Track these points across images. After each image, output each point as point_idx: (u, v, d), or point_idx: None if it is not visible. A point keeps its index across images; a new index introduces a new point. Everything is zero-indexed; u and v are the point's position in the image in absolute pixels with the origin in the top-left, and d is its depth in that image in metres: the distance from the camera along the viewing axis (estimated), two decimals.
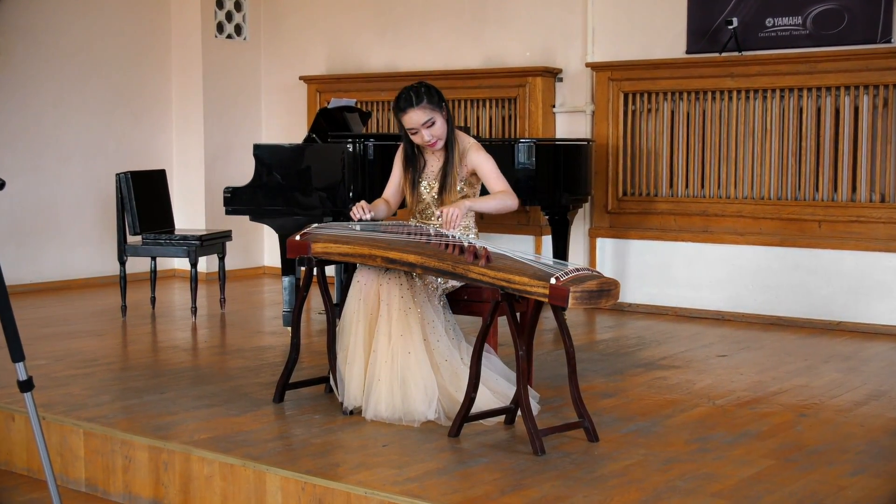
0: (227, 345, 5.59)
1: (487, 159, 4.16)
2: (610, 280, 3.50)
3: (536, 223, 7.09)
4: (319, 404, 4.21)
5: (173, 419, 3.99)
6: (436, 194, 4.19)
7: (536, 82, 7.00)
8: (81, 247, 7.73)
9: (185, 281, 7.87)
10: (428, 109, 4.09)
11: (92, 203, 7.76)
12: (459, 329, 4.13)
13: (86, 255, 7.75)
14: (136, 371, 4.87)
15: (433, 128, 4.11)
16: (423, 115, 4.08)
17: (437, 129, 4.11)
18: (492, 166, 4.15)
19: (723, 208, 6.47)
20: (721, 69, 6.41)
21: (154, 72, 8.15)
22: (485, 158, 4.16)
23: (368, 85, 7.76)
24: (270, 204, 5.56)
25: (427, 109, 4.09)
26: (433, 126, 4.11)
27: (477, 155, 4.16)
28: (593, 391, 4.47)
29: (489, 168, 4.14)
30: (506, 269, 3.53)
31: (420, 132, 4.11)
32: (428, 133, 4.10)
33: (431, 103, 4.09)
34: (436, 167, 4.23)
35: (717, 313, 6.49)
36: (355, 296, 4.03)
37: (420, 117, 4.08)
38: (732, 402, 4.32)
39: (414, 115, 4.08)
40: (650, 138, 6.72)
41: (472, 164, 4.15)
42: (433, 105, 4.10)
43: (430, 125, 4.10)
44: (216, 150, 8.21)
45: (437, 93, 4.15)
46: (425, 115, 4.08)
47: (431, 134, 4.11)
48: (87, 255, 7.76)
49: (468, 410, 3.73)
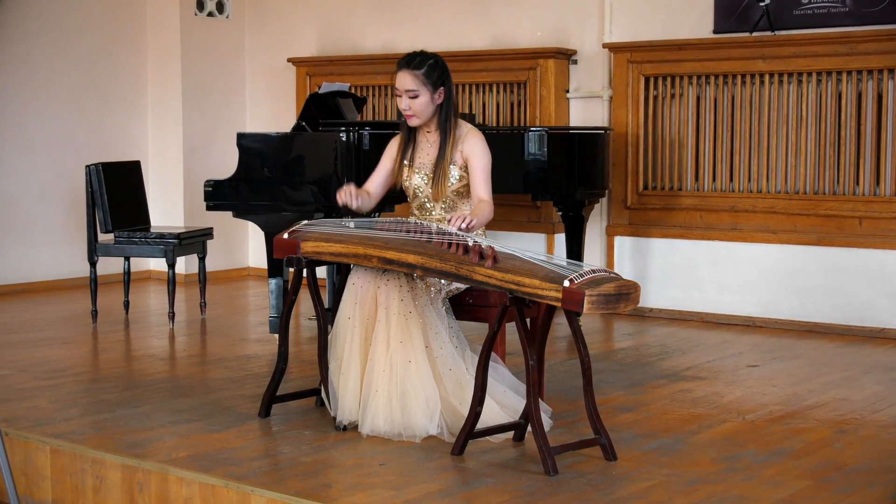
0: (208, 354, 5.59)
1: (483, 154, 4.19)
2: (629, 282, 3.50)
3: (548, 220, 7.09)
4: (310, 419, 4.21)
5: (149, 435, 4.00)
6: (432, 186, 4.21)
7: (548, 65, 7.00)
8: (47, 246, 7.74)
9: (162, 283, 7.88)
10: (418, 81, 4.15)
11: (59, 198, 7.77)
12: (464, 336, 4.13)
13: (52, 254, 7.75)
14: (107, 382, 4.87)
15: (414, 101, 4.17)
16: (409, 82, 4.16)
17: (416, 105, 4.17)
18: (485, 165, 4.19)
19: (753, 204, 6.47)
20: (752, 50, 6.41)
21: (128, 53, 8.16)
22: (481, 152, 4.19)
23: (363, 68, 7.77)
24: (256, 199, 5.56)
25: (417, 80, 4.15)
26: (415, 99, 4.16)
27: (475, 143, 4.20)
28: (611, 405, 4.48)
29: (481, 167, 4.18)
30: (514, 271, 3.54)
31: (402, 97, 4.19)
32: (406, 102, 4.17)
33: (427, 77, 4.15)
34: (432, 156, 4.25)
35: (748, 319, 6.49)
36: (350, 300, 4.04)
37: (406, 83, 4.17)
38: (764, 417, 4.32)
39: (402, 77, 4.18)
40: (673, 126, 6.73)
41: (468, 152, 4.18)
42: (427, 80, 4.15)
43: (413, 97, 4.16)
44: (196, 140, 8.22)
45: (441, 72, 4.19)
46: (412, 85, 4.16)
47: (409, 105, 4.18)
48: (54, 254, 7.76)
49: (473, 426, 3.73)
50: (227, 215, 5.88)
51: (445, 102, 4.20)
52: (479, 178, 4.18)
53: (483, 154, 4.20)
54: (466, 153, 4.20)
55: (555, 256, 3.76)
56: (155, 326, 6.28)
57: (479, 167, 4.18)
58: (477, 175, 4.18)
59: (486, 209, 4.12)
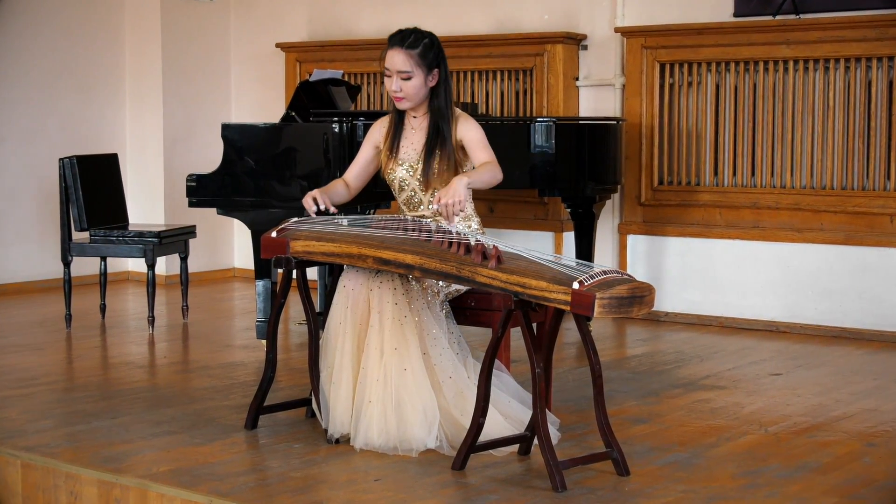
0: (191, 361, 5.60)
1: (476, 127, 4.20)
2: (643, 284, 3.50)
3: (556, 217, 7.09)
4: (299, 431, 4.22)
5: (127, 448, 4.00)
6: (420, 176, 4.20)
7: (556, 50, 7.00)
8: (18, 245, 7.74)
9: (141, 285, 7.88)
10: (412, 61, 4.12)
11: (30, 194, 7.77)
12: (465, 342, 4.13)
13: (23, 254, 7.76)
14: (83, 392, 4.87)
15: (406, 83, 4.14)
16: (402, 62, 4.12)
17: (408, 87, 4.15)
18: (481, 135, 4.18)
19: (777, 200, 6.47)
20: (775, 35, 6.41)
21: (104, 37, 8.16)
22: (474, 126, 4.20)
23: (357, 54, 7.77)
24: (242, 194, 5.57)
25: (411, 60, 4.13)
26: (407, 81, 4.14)
27: (465, 122, 4.20)
28: (624, 416, 4.48)
29: (478, 136, 4.17)
30: (520, 272, 3.54)
31: (393, 78, 4.15)
32: (397, 84, 4.14)
33: (422, 58, 4.13)
34: (418, 144, 4.24)
35: (771, 324, 6.49)
36: (341, 303, 4.04)
37: (398, 62, 4.13)
38: (788, 430, 4.32)
39: (395, 56, 4.13)
40: (691, 117, 6.73)
41: (461, 134, 4.19)
42: (421, 61, 4.13)
43: (406, 78, 4.14)
44: (178, 131, 8.22)
45: (437, 52, 4.17)
46: (404, 65, 4.13)
47: (400, 87, 4.15)
48: (25, 254, 7.76)
49: (475, 438, 3.73)
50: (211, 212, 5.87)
51: (441, 86, 4.19)
52: (481, 146, 4.16)
53: (476, 129, 4.19)
54: (461, 135, 4.19)
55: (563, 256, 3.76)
56: (133, 332, 6.28)
57: (478, 137, 4.17)
58: (477, 144, 4.16)
59: (491, 170, 4.07)
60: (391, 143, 4.26)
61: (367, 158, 4.36)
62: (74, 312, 6.52)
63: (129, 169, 8.19)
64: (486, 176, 4.06)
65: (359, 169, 4.38)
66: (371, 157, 4.35)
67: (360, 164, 4.37)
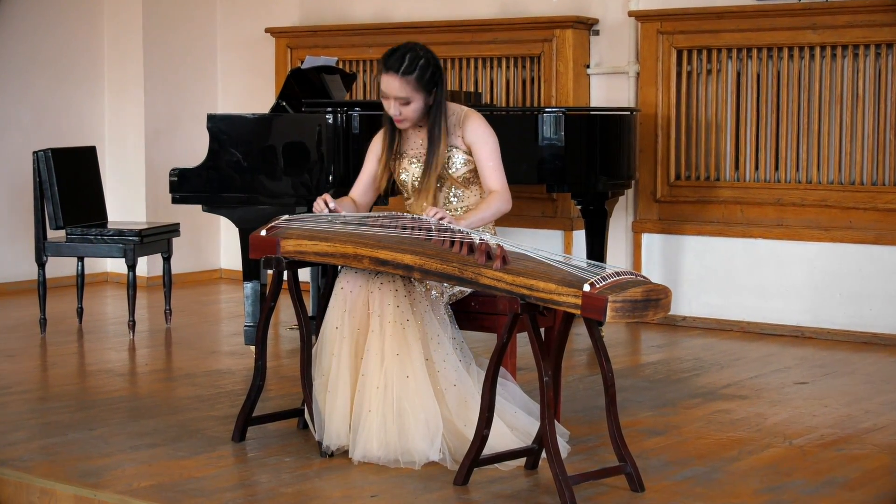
0: (174, 369, 5.60)
1: (489, 138, 4.22)
2: (659, 287, 3.51)
3: (566, 214, 7.10)
4: (291, 444, 4.22)
5: (106, 462, 4.00)
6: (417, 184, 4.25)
7: (566, 36, 7.01)
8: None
9: (121, 287, 7.89)
10: (410, 87, 4.16)
11: (2, 189, 7.77)
12: (468, 348, 4.14)
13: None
14: (58, 402, 4.88)
15: (405, 107, 4.19)
16: (401, 89, 4.15)
17: (408, 111, 4.19)
18: (492, 150, 4.21)
19: (802, 196, 6.48)
20: (800, 19, 6.41)
21: (81, 22, 8.16)
22: (486, 136, 4.21)
23: (353, 39, 7.77)
24: (229, 190, 5.57)
25: (409, 87, 4.15)
26: (406, 106, 4.18)
27: (477, 126, 4.23)
28: (638, 428, 4.48)
29: (488, 152, 4.20)
30: (527, 273, 3.54)
31: (391, 102, 4.19)
32: (396, 109, 4.19)
33: (419, 82, 4.15)
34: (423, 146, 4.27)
35: (796, 329, 6.49)
36: (338, 307, 4.05)
37: (396, 89, 4.16)
38: (814, 442, 4.33)
39: (389, 82, 4.16)
40: (710, 107, 6.73)
41: (471, 138, 4.20)
42: (419, 85, 4.16)
43: (405, 104, 4.18)
44: (160, 122, 8.22)
45: (434, 73, 4.19)
46: (403, 91, 4.16)
47: (399, 111, 4.19)
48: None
49: (480, 451, 3.74)
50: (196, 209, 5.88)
51: (441, 101, 4.22)
52: (489, 166, 4.20)
53: (488, 138, 4.21)
54: (469, 140, 4.21)
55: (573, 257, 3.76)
56: (112, 337, 6.28)
57: (486, 153, 4.20)
58: (487, 163, 4.20)
59: (496, 202, 4.14)
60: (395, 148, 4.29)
61: (372, 174, 4.38)
62: (49, 317, 6.53)
63: (107, 163, 8.19)
64: (489, 213, 4.15)
65: (365, 186, 4.40)
66: (376, 172, 4.36)
67: (366, 180, 4.40)
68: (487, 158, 4.21)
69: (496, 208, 4.15)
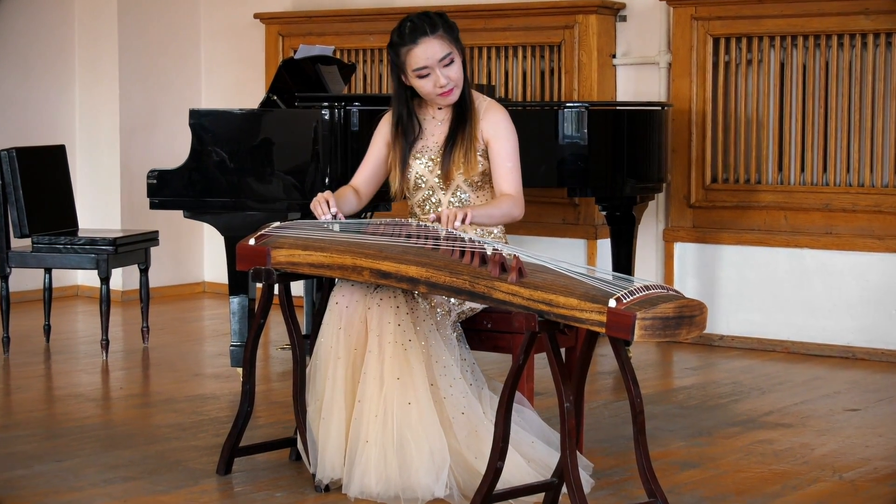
0: (152, 393, 5.61)
1: (511, 135, 4.24)
2: (693, 302, 3.51)
3: (590, 221, 7.10)
4: (282, 477, 4.22)
5: (76, 497, 4.01)
6: (440, 170, 4.23)
7: (589, 22, 7.02)
8: None
9: (94, 303, 7.90)
10: (448, 40, 4.17)
11: None
12: (480, 371, 4.14)
13: None
14: (22, 430, 4.88)
15: (451, 67, 4.18)
16: (441, 47, 4.15)
17: (454, 71, 4.19)
18: (512, 149, 4.23)
19: (853, 201, 6.47)
20: (852, 3, 6.41)
21: (50, 10, 8.18)
22: (508, 132, 4.23)
23: (351, 26, 7.79)
24: (213, 194, 5.58)
25: (447, 40, 4.17)
26: (451, 65, 4.18)
27: (499, 121, 4.24)
28: (670, 459, 4.48)
29: (508, 151, 4.22)
30: (546, 287, 3.54)
31: (435, 72, 4.17)
32: (444, 74, 4.16)
33: (454, 37, 4.18)
34: (440, 138, 4.27)
35: (846, 350, 6.49)
36: (333, 324, 4.05)
37: (437, 50, 4.15)
38: (867, 476, 4.32)
39: (429, 46, 4.15)
40: (750, 102, 6.73)
41: (490, 133, 4.21)
42: (455, 41, 4.19)
43: (449, 63, 4.17)
44: (137, 119, 8.24)
45: (454, 25, 4.23)
46: (443, 49, 4.15)
47: (448, 76, 4.17)
48: None
49: (493, 486, 3.73)
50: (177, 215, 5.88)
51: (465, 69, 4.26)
52: (506, 167, 4.19)
53: (509, 135, 4.22)
54: (488, 134, 4.22)
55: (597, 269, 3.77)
56: (84, 358, 6.29)
57: (506, 152, 4.20)
58: (503, 161, 4.19)
59: (508, 205, 4.13)
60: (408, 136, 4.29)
61: (378, 158, 4.38)
62: (13, 335, 6.54)
63: (78, 163, 8.21)
64: (498, 212, 4.12)
65: (370, 172, 4.39)
66: (384, 156, 4.36)
67: (371, 165, 4.39)
68: (506, 158, 4.20)
69: (506, 211, 4.14)
